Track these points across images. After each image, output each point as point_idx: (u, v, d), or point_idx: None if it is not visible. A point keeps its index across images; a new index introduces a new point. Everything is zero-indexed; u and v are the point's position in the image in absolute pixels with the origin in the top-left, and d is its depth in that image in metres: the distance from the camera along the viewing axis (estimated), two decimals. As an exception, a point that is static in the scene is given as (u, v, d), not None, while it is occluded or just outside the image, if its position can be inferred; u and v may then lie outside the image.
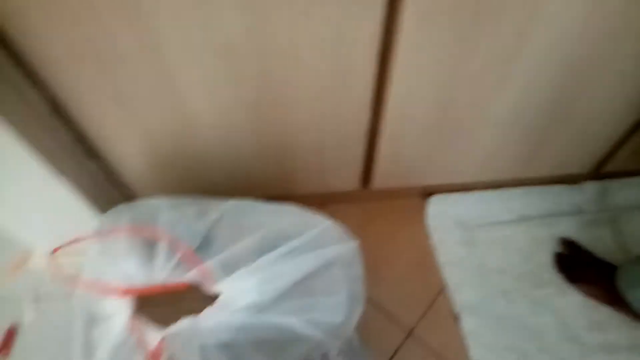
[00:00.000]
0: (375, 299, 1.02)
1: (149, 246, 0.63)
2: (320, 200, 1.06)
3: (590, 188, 1.14)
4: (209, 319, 0.56)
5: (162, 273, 0.61)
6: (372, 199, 1.12)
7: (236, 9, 0.60)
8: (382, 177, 1.00)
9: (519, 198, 1.13)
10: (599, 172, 1.08)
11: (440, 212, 1.12)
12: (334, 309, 0.64)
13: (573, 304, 1.00)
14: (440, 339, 0.98)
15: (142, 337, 0.55)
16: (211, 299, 0.60)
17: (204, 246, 0.65)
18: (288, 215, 0.72)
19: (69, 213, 0.85)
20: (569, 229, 1.09)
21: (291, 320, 0.59)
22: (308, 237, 0.67)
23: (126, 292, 0.60)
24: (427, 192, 1.14)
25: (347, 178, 1.00)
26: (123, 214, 0.69)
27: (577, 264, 1.03)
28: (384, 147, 0.89)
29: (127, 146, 0.83)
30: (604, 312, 0.99)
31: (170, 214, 0.68)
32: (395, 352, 0.97)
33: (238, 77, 0.69)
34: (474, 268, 1.04)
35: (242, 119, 0.78)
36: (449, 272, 1.04)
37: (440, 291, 1.03)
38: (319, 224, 0.70)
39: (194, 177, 0.92)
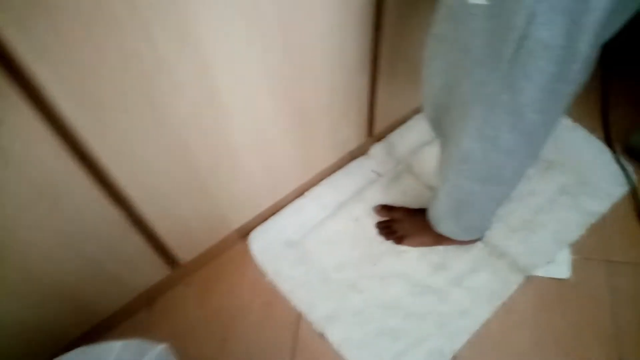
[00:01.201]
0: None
1: None
2: (144, 301, 0.98)
3: (376, 152, 1.20)
4: None
5: None
6: (195, 270, 1.06)
7: None
8: (186, 248, 0.94)
9: (325, 192, 1.15)
10: (376, 134, 1.14)
11: (264, 243, 1.09)
12: None
13: (412, 260, 1.05)
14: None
15: None
16: None
17: None
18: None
19: None
20: (377, 195, 1.13)
21: None
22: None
23: None
24: (242, 234, 1.10)
25: (147, 272, 0.92)
26: None
27: (397, 223, 1.08)
28: (162, 226, 0.83)
29: None
30: (439, 253, 1.05)
31: None
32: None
33: None
34: (317, 279, 1.03)
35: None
36: (296, 296, 1.02)
37: (297, 319, 1.01)
38: (108, 356, 0.63)
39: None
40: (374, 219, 1.11)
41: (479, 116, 0.67)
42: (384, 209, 1.10)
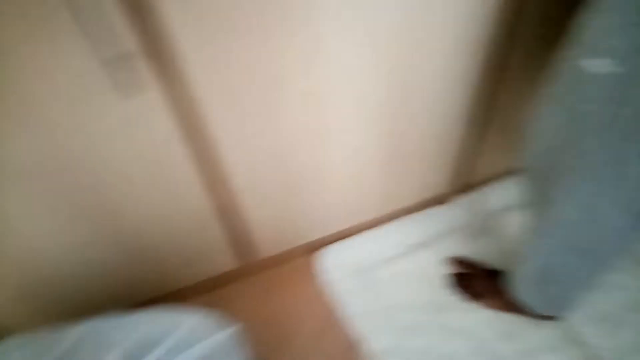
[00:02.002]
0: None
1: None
2: (204, 288, 1.00)
3: (462, 202, 1.18)
4: None
5: None
6: (258, 272, 1.07)
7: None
8: (263, 247, 0.97)
9: (399, 230, 1.14)
10: (466, 185, 1.13)
11: (333, 263, 1.09)
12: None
13: (480, 320, 1.00)
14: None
15: None
16: None
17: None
18: (150, 321, 0.65)
19: None
20: (455, 246, 1.11)
21: None
22: (175, 339, 0.61)
23: None
24: (312, 249, 1.11)
25: (219, 260, 0.94)
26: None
27: (472, 280, 1.04)
28: (253, 218, 0.86)
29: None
30: (510, 320, 1.00)
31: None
32: None
33: (68, 193, 0.65)
34: (381, 311, 1.02)
35: (87, 234, 0.72)
36: (358, 323, 1.00)
37: (350, 346, 0.99)
38: (185, 322, 0.64)
39: (56, 302, 0.82)
40: (446, 267, 1.08)
41: (585, 186, 0.63)
42: (462, 262, 1.08)
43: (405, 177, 0.98)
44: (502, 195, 1.19)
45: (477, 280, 1.04)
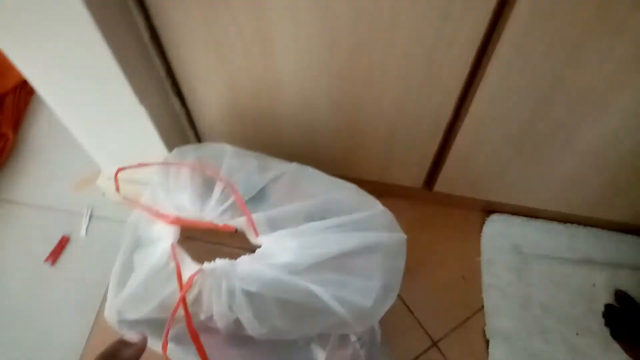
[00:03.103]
0: (409, 301, 1.01)
1: (207, 186, 0.65)
2: (377, 190, 1.04)
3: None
4: (244, 266, 0.57)
5: (213, 212, 0.62)
6: (430, 202, 1.10)
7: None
8: (446, 182, 0.97)
9: (585, 238, 1.07)
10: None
11: (498, 232, 1.08)
12: (365, 293, 0.63)
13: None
14: (464, 358, 0.95)
15: (179, 266, 0.57)
16: (251, 249, 0.61)
17: (258, 199, 0.66)
18: (344, 190, 0.71)
19: (141, 142, 0.89)
20: (631, 282, 1.01)
21: (320, 289, 0.59)
22: (358, 216, 0.67)
23: (175, 220, 0.62)
24: (489, 208, 1.10)
25: (411, 174, 0.98)
26: (189, 152, 0.71)
27: (626, 321, 0.96)
28: (458, 150, 0.86)
29: (208, 93, 0.85)
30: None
31: (233, 161, 0.70)
32: (415, 358, 0.95)
33: (331, 44, 0.69)
34: (518, 297, 1.00)
35: (325, 88, 0.78)
36: (491, 294, 1.00)
37: (476, 311, 1.00)
38: (372, 207, 0.69)
39: (263, 136, 0.93)
40: (608, 297, 1.00)
41: None
42: (627, 298, 0.98)
43: (632, 190, 0.89)
44: None
45: (631, 323, 0.95)
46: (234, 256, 0.59)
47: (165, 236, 0.61)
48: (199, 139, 1.00)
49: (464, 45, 0.65)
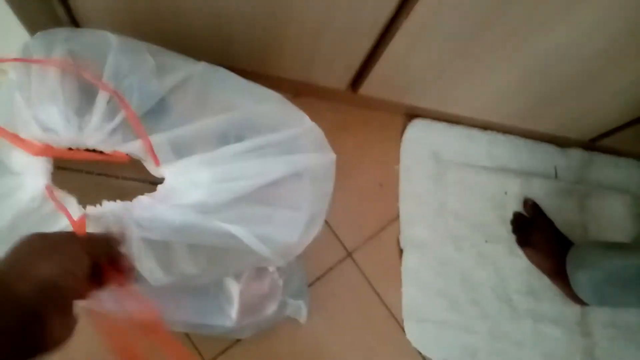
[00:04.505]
0: (325, 211, 0.95)
1: (85, 95, 0.49)
2: (296, 89, 0.92)
3: (575, 155, 1.08)
4: (143, 210, 0.45)
5: (96, 135, 0.47)
6: (351, 104, 1.00)
7: None
8: (374, 85, 0.87)
9: (504, 146, 1.05)
10: (593, 143, 1.02)
11: (419, 137, 1.02)
12: (291, 227, 0.55)
13: (516, 266, 0.98)
14: (377, 268, 0.94)
15: (61, 206, 0.43)
16: (150, 183, 0.48)
17: (157, 113, 0.51)
18: (266, 102, 0.59)
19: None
20: (540, 191, 1.04)
21: (240, 230, 0.49)
22: (284, 135, 0.56)
23: (44, 150, 0.46)
24: (412, 113, 1.03)
25: (337, 74, 0.86)
26: (58, 42, 0.52)
27: (532, 228, 1.00)
28: (393, 51, 0.75)
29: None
30: (542, 282, 0.98)
31: (121, 58, 0.53)
32: (329, 269, 0.92)
33: None
34: (433, 205, 0.98)
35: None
36: (406, 203, 0.98)
37: (392, 220, 0.97)
38: (299, 123, 0.58)
39: (160, 22, 0.74)
40: (518, 204, 1.02)
41: None
42: (534, 207, 1.01)
43: (565, 107, 0.85)
44: (616, 173, 1.09)
45: (536, 231, 0.99)
46: (126, 192, 0.46)
47: (32, 172, 0.45)
48: (73, 21, 0.77)
49: None
